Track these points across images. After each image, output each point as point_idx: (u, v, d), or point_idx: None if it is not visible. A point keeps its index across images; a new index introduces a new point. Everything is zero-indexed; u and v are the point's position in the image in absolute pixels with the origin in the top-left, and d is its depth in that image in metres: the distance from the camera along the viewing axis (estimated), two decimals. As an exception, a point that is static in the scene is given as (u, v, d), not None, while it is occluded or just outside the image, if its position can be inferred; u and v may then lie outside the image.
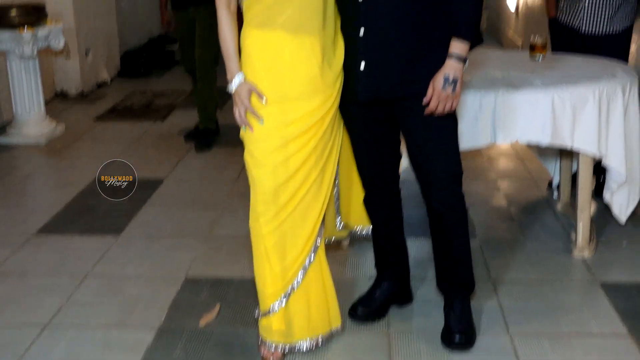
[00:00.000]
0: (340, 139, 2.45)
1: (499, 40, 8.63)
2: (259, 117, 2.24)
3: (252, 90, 2.25)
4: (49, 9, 5.04)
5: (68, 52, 5.96)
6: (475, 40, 2.29)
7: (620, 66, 3.23)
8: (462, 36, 2.22)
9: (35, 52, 4.65)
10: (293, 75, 2.26)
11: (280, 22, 2.23)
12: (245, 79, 2.26)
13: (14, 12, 4.51)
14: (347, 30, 2.35)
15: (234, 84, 2.26)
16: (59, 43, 4.82)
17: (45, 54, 5.68)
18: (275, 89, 2.26)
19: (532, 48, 3.48)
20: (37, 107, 4.93)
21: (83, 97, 6.24)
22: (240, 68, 2.27)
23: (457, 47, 2.22)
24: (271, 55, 2.25)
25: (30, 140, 4.85)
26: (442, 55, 2.25)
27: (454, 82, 2.23)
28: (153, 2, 8.54)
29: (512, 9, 7.65)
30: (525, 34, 7.08)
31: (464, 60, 2.23)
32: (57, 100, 6.13)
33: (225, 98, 4.71)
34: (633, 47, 3.90)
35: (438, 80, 2.24)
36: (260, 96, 2.24)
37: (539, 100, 2.86)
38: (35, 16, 4.63)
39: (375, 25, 2.27)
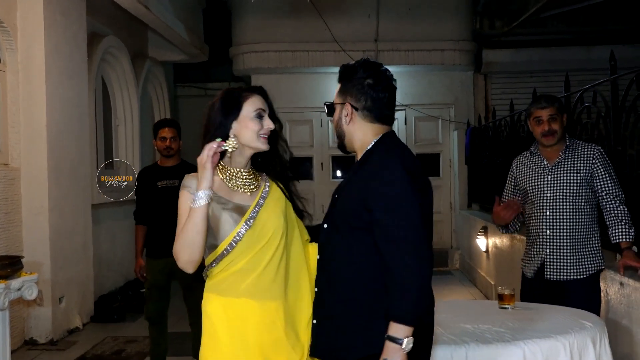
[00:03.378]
0: None
1: (472, 279, 8.78)
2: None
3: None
4: (26, 259, 5.09)
5: (41, 300, 5.93)
6: (418, 324, 2.18)
7: (589, 316, 3.26)
8: (398, 319, 2.13)
9: (6, 304, 4.60)
10: (257, 340, 2.27)
11: (242, 288, 2.29)
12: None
13: (-12, 266, 4.54)
14: None
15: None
16: (32, 294, 4.78)
17: (17, 303, 5.65)
18: (240, 355, 2.25)
19: (501, 298, 3.54)
20: None
21: (52, 344, 6.09)
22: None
23: (393, 328, 2.12)
24: (235, 321, 2.28)
25: (-11, 397, 4.64)
26: (377, 331, 2.17)
27: None
28: (131, 245, 8.71)
29: (483, 248, 7.88)
30: (497, 273, 7.23)
31: (399, 341, 2.11)
32: (25, 348, 5.97)
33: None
34: (602, 296, 3.96)
35: None
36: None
37: (510, 354, 2.85)
38: (11, 268, 4.65)
39: (322, 286, 2.39)
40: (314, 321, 2.37)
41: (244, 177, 2.41)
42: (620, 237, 3.68)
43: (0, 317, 4.67)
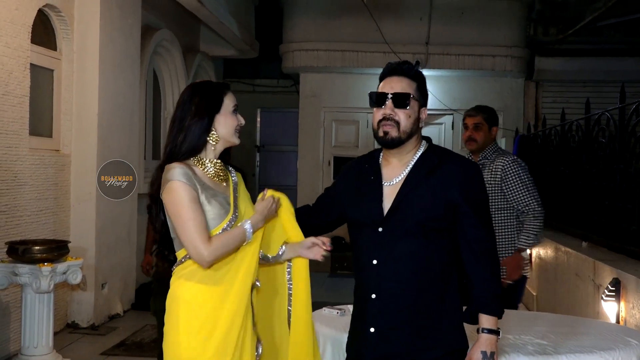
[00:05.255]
0: None
1: (513, 288, 8.64)
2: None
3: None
4: (72, 244, 5.21)
5: (85, 285, 6.04)
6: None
7: (634, 333, 3.18)
8: (490, 312, 2.26)
9: (52, 287, 4.71)
10: (229, 327, 2.35)
11: (220, 275, 2.36)
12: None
13: (36, 248, 4.65)
14: (360, 293, 2.38)
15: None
16: (76, 278, 4.91)
17: (62, 287, 5.77)
18: (211, 341, 2.33)
19: None
20: (45, 341, 4.88)
21: (93, 328, 6.21)
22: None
23: (487, 321, 2.25)
24: (213, 309, 2.34)
25: (32, 376, 4.75)
26: (451, 326, 2.27)
27: (492, 356, 2.24)
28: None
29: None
30: (540, 284, 7.11)
31: (497, 332, 2.25)
32: (67, 331, 6.09)
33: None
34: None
35: (476, 357, 2.24)
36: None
37: (551, 368, 2.79)
38: (57, 252, 4.77)
39: (386, 292, 2.30)
40: (372, 329, 2.30)
41: (218, 167, 2.47)
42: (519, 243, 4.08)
43: (46, 299, 4.79)
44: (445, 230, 2.30)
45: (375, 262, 2.32)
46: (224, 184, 2.47)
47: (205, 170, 2.44)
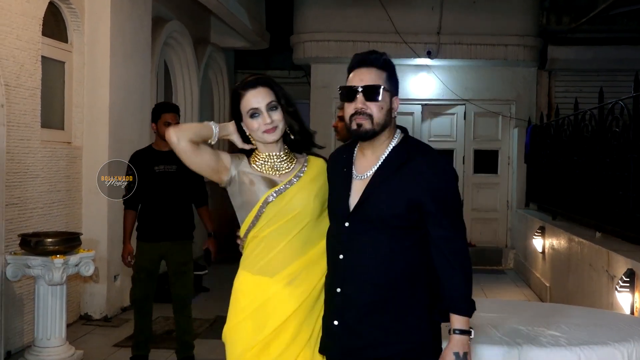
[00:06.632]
0: None
1: (526, 279, 8.61)
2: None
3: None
4: (85, 236, 5.22)
5: (97, 277, 6.07)
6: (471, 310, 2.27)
7: (648, 325, 3.16)
8: (460, 312, 2.23)
9: (64, 279, 4.73)
10: (276, 317, 2.38)
11: (263, 263, 2.42)
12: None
13: (49, 241, 4.67)
14: (327, 285, 2.40)
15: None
16: (88, 270, 4.92)
17: (74, 279, 5.79)
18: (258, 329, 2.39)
19: None
20: (58, 332, 4.91)
21: (106, 320, 6.24)
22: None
23: (459, 322, 2.22)
24: (257, 297, 2.41)
25: (46, 367, 4.77)
26: (417, 322, 2.25)
27: (464, 356, 2.21)
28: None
29: (539, 249, 7.72)
30: (552, 275, 7.07)
31: (468, 332, 2.22)
32: (80, 323, 6.13)
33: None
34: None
35: (449, 358, 2.21)
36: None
37: (565, 359, 2.78)
38: (69, 245, 4.78)
39: (350, 286, 2.30)
40: (335, 322, 2.32)
41: (274, 160, 2.50)
42: None
43: (58, 291, 4.82)
44: (410, 228, 2.26)
45: (341, 256, 2.31)
46: (284, 173, 2.49)
47: (258, 165, 2.50)
